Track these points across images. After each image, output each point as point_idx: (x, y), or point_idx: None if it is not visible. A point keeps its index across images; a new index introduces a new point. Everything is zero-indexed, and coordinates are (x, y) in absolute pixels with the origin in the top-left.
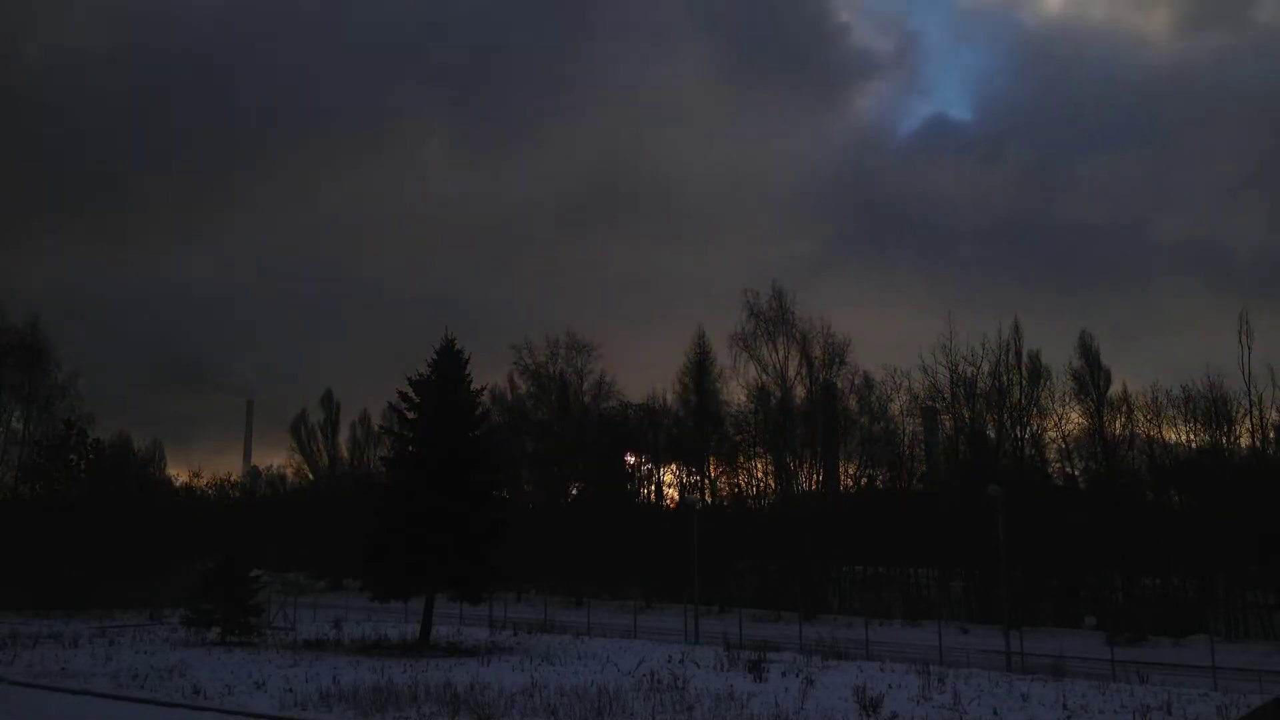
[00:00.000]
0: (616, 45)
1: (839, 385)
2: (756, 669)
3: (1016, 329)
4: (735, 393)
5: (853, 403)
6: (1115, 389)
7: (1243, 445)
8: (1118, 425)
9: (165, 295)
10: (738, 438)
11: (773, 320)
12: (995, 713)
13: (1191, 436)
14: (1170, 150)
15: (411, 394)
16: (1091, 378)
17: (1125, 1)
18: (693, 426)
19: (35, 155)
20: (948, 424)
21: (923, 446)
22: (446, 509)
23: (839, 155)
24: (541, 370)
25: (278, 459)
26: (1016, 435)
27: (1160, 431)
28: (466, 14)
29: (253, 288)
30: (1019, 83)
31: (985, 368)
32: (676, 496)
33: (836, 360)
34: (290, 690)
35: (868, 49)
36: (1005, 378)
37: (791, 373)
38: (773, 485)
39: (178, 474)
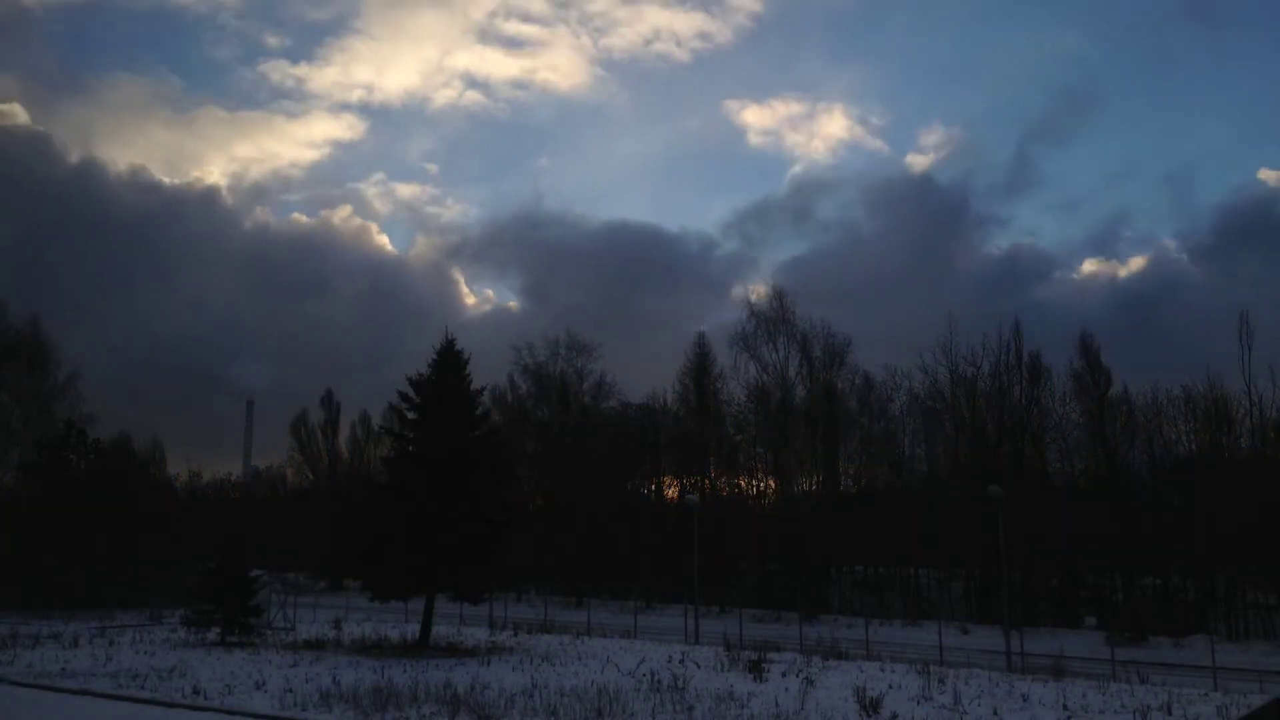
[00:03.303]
0: None
1: (839, 385)
2: (757, 669)
3: (1017, 329)
4: (735, 393)
5: (853, 403)
6: (1115, 389)
7: (1243, 445)
8: (1118, 425)
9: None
10: (738, 438)
11: (773, 320)
12: (995, 713)
13: (1192, 437)
14: None
15: (412, 394)
16: (1092, 378)
17: None
18: (693, 426)
19: None
20: (948, 424)
21: (923, 446)
22: (446, 509)
23: None
24: (542, 370)
25: (278, 459)
26: (1016, 435)
27: (1160, 431)
28: None
29: None
30: None
31: (985, 368)
32: (676, 496)
33: (836, 360)
34: (290, 690)
35: None
36: (1005, 378)
37: (792, 373)
38: (773, 485)
39: (178, 474)
